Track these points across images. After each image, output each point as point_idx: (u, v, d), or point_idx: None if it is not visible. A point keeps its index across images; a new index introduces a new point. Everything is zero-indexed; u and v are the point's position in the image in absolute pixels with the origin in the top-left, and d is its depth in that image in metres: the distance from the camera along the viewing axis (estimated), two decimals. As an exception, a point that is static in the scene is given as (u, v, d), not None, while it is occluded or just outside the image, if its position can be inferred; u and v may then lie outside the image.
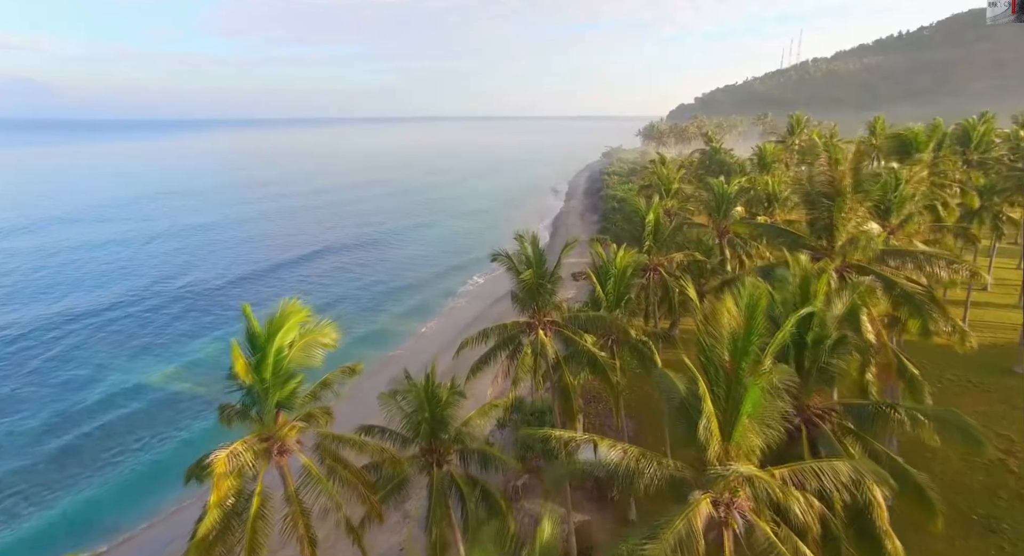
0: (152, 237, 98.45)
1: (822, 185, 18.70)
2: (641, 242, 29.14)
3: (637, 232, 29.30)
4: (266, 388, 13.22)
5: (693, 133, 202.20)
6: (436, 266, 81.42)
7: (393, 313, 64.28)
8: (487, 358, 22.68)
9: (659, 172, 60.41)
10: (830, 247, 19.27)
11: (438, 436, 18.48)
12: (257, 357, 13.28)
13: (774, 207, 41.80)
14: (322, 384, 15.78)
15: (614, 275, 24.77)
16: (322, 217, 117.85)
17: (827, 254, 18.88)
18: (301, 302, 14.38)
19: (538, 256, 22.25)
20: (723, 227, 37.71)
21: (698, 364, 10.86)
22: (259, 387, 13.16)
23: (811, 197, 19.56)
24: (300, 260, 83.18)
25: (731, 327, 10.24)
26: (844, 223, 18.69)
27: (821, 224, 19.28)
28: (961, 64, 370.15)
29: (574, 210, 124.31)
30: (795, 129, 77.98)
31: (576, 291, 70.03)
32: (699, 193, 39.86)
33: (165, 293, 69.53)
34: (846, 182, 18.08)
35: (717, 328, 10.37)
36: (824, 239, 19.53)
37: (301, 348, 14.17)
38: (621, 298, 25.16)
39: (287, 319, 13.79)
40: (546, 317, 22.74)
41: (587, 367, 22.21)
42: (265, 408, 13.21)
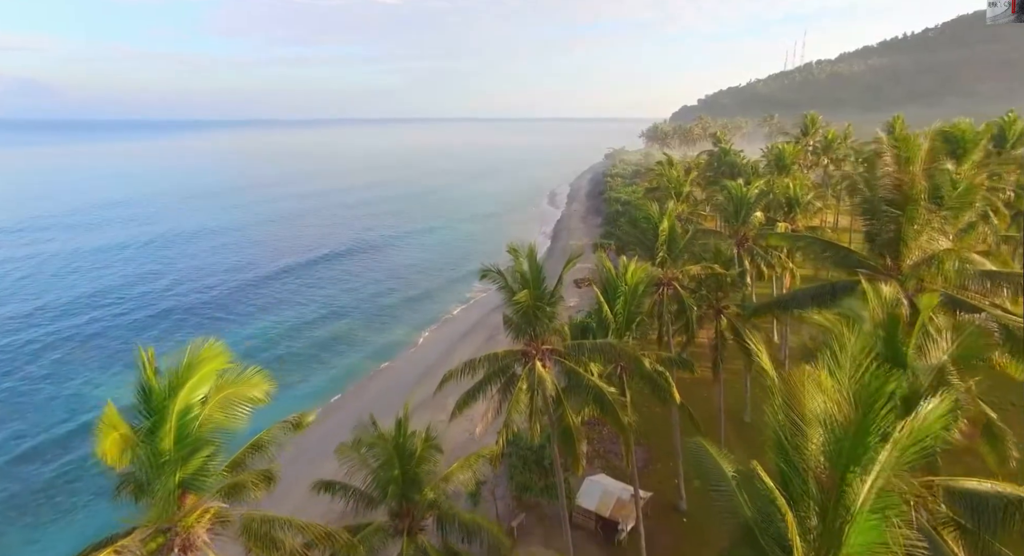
0: (149, 241, 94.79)
1: (888, 190, 15.08)
2: (653, 252, 25.60)
3: (648, 241, 25.75)
4: (163, 463, 9.65)
5: (698, 134, 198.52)
6: (435, 273, 77.64)
7: (390, 322, 60.84)
8: (475, 392, 19.18)
9: (667, 174, 56.95)
10: (895, 266, 15.71)
11: (410, 498, 14.97)
12: (152, 422, 9.75)
13: (795, 212, 38.25)
14: (252, 447, 12.30)
15: (624, 293, 21.24)
16: (321, 220, 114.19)
17: (891, 275, 15.30)
18: (222, 344, 10.84)
19: (536, 273, 18.71)
20: (742, 235, 34.17)
21: (775, 474, 7.32)
22: (152, 463, 9.59)
23: (871, 205, 15.94)
24: (297, 267, 79.41)
25: (824, 411, 6.78)
26: (915, 237, 15.11)
27: (885, 238, 15.68)
28: (967, 65, 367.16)
29: (576, 213, 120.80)
30: (809, 129, 74.31)
31: (578, 299, 66.45)
32: (714, 197, 36.33)
33: (154, 301, 66.19)
34: (920, 187, 14.51)
35: (799, 409, 6.91)
36: (888, 257, 15.96)
37: (219, 405, 10.68)
38: (632, 319, 21.65)
39: (199, 367, 10.27)
40: (544, 345, 19.21)
41: (593, 404, 18.69)
42: (162, 490, 9.61)
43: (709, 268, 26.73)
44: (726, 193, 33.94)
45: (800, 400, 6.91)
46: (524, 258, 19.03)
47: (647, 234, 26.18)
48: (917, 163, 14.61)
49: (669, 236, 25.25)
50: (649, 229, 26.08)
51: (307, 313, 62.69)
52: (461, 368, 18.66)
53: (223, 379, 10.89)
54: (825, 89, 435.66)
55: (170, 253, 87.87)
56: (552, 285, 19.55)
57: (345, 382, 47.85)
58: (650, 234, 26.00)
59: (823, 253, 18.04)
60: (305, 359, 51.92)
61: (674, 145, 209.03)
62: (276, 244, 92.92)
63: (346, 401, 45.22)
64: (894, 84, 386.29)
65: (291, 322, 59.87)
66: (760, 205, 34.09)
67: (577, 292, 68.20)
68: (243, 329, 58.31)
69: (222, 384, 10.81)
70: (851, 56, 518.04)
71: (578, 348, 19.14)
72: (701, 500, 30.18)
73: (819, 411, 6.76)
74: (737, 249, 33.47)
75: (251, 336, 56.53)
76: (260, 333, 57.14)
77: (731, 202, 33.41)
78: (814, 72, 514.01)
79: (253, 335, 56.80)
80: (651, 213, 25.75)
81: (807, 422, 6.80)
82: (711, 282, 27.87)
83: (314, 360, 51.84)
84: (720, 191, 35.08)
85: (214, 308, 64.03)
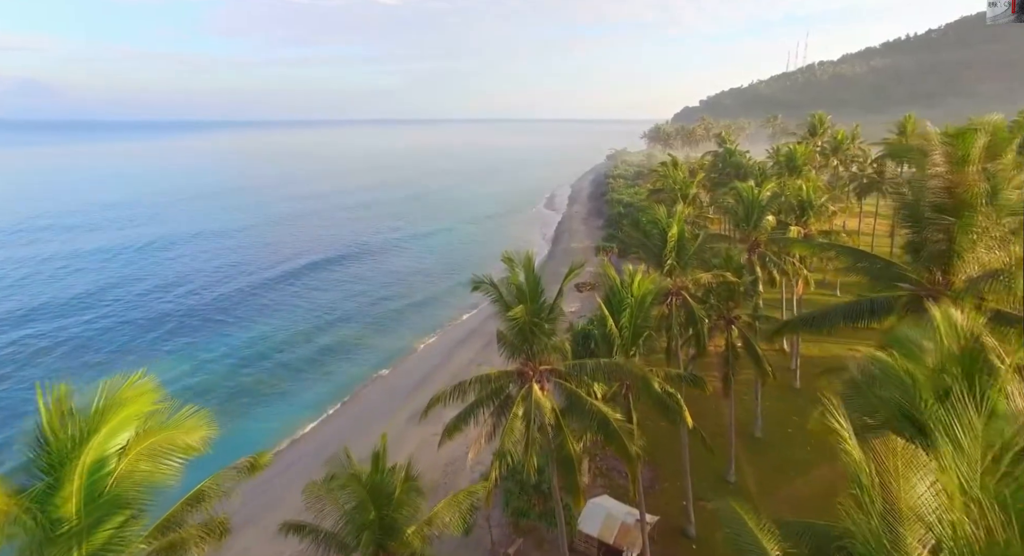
0: (147, 243, 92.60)
1: (938, 194, 13.01)
2: (660, 259, 23.64)
3: (655, 247, 23.77)
4: (61, 535, 7.57)
5: (701, 135, 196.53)
6: (437, 278, 74.91)
7: (391, 327, 58.68)
8: (466, 416, 17.23)
9: (672, 176, 55.04)
10: (945, 282, 13.72)
11: (386, 547, 13.01)
12: (48, 482, 7.72)
13: (808, 216, 36.25)
14: (193, 499, 10.31)
15: (630, 305, 19.28)
16: (321, 223, 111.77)
17: (940, 292, 13.32)
18: (151, 379, 8.88)
19: (533, 285, 16.76)
20: (753, 239, 32.17)
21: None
22: (45, 536, 7.51)
23: (914, 210, 13.87)
24: (297, 270, 77.07)
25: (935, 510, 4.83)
26: (971, 248, 13.09)
27: (934, 249, 13.62)
28: (970, 66, 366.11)
29: (577, 215, 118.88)
30: (817, 129, 72.34)
31: (580, 304, 64.53)
32: (724, 199, 34.37)
33: (151, 305, 64.26)
34: (978, 190, 12.49)
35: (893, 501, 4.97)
36: (936, 270, 13.94)
37: (144, 456, 8.69)
38: (639, 334, 19.70)
39: (119, 410, 8.31)
40: (543, 366, 17.25)
41: (596, 431, 16.72)
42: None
43: (720, 276, 24.77)
44: (736, 195, 31.98)
45: (895, 488, 4.95)
46: (520, 268, 17.10)
47: (654, 240, 24.21)
48: (974, 162, 12.64)
49: (678, 242, 23.27)
50: (656, 234, 24.11)
51: (307, 318, 60.65)
52: (450, 392, 16.71)
53: (150, 423, 8.93)
54: (827, 90, 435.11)
55: (167, 255, 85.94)
56: (552, 296, 17.63)
57: (346, 389, 45.92)
58: (658, 240, 24.03)
59: (856, 264, 16.01)
60: (304, 365, 49.89)
61: (676, 146, 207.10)
62: (275, 247, 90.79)
63: (346, 409, 43.43)
64: (896, 85, 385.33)
65: (290, 328, 57.82)
66: (773, 208, 32.13)
67: (579, 297, 66.29)
68: (243, 333, 56.39)
69: (148, 429, 8.85)
70: (853, 57, 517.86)
71: (580, 368, 17.17)
72: (711, 524, 28.30)
73: (926, 508, 4.78)
74: (748, 255, 31.51)
75: (250, 342, 54.66)
76: (259, 338, 55.16)
77: (742, 205, 31.44)
78: (816, 73, 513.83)
79: (252, 340, 54.93)
80: (659, 217, 23.78)
81: (903, 520, 4.85)
82: (722, 291, 25.92)
83: (314, 367, 49.77)
84: (729, 193, 33.17)
85: (211, 312, 62.13)
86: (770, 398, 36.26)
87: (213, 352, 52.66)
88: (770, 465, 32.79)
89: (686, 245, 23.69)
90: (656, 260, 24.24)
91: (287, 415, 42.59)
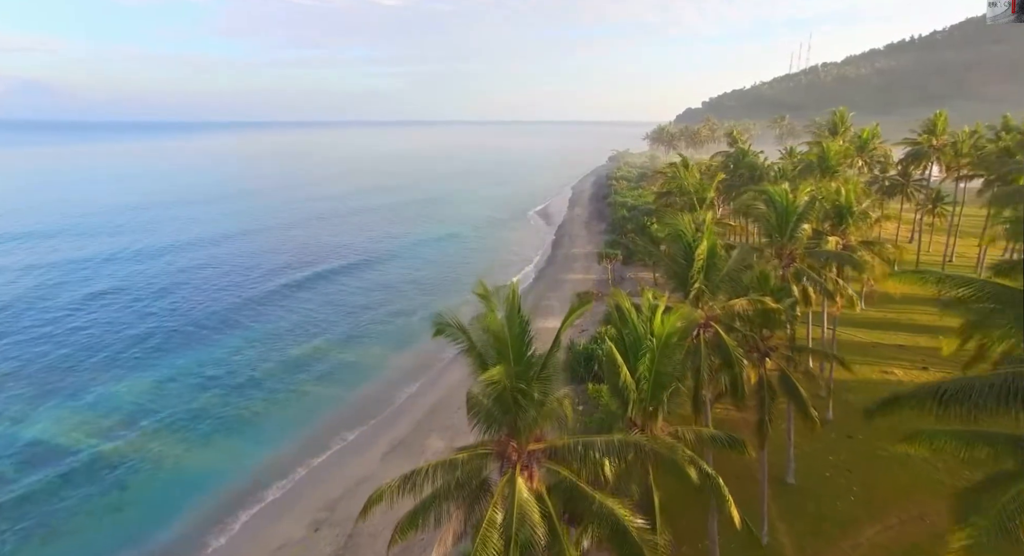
0: (139, 251, 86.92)
1: None
2: (684, 281, 18.63)
3: (678, 267, 18.74)
4: None
5: (706, 136, 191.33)
6: (437, 296, 66.53)
7: (375, 370, 48.52)
8: (423, 513, 12.22)
9: (684, 177, 49.99)
10: None
11: None
12: None
13: (847, 223, 31.14)
14: None
15: (651, 350, 14.28)
16: (322, 228, 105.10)
17: None
18: None
19: (518, 334, 11.67)
20: (788, 253, 27.09)
21: None
22: None
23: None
24: (294, 283, 70.24)
25: None
26: None
27: None
28: (976, 68, 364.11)
29: (579, 218, 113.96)
30: (838, 127, 66.94)
31: (580, 318, 59.57)
32: (752, 205, 29.31)
33: (134, 318, 59.02)
34: None
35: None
36: None
37: None
38: (662, 385, 14.70)
39: None
40: (531, 444, 12.25)
41: (607, 539, 11.73)
42: None
43: (758, 302, 19.71)
44: (766, 200, 26.92)
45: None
46: (501, 305, 12.03)
47: (676, 256, 19.17)
48: None
49: (708, 260, 18.23)
50: (680, 250, 19.06)
51: (301, 335, 54.83)
52: (397, 486, 11.69)
53: None
54: (831, 92, 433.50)
55: (156, 264, 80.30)
56: (546, 360, 12.46)
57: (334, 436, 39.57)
58: (681, 257, 18.99)
59: (978, 302, 10.94)
60: (289, 398, 43.83)
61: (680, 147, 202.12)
62: (271, 256, 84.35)
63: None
64: (901, 87, 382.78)
65: (278, 345, 52.17)
66: (810, 215, 27.04)
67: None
68: (224, 352, 50.97)
69: None
70: (857, 59, 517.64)
71: (584, 448, 12.13)
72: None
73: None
74: (783, 271, 26.46)
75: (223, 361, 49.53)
76: (235, 360, 49.52)
77: (773, 211, 26.38)
78: (820, 75, 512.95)
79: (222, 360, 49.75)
80: (684, 230, 18.72)
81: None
82: (756, 318, 20.93)
83: (299, 400, 43.61)
84: (758, 198, 28.08)
85: (195, 327, 56.38)
86: (800, 432, 31.26)
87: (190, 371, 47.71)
88: (808, 520, 27.70)
89: (717, 264, 18.65)
90: (678, 282, 19.22)
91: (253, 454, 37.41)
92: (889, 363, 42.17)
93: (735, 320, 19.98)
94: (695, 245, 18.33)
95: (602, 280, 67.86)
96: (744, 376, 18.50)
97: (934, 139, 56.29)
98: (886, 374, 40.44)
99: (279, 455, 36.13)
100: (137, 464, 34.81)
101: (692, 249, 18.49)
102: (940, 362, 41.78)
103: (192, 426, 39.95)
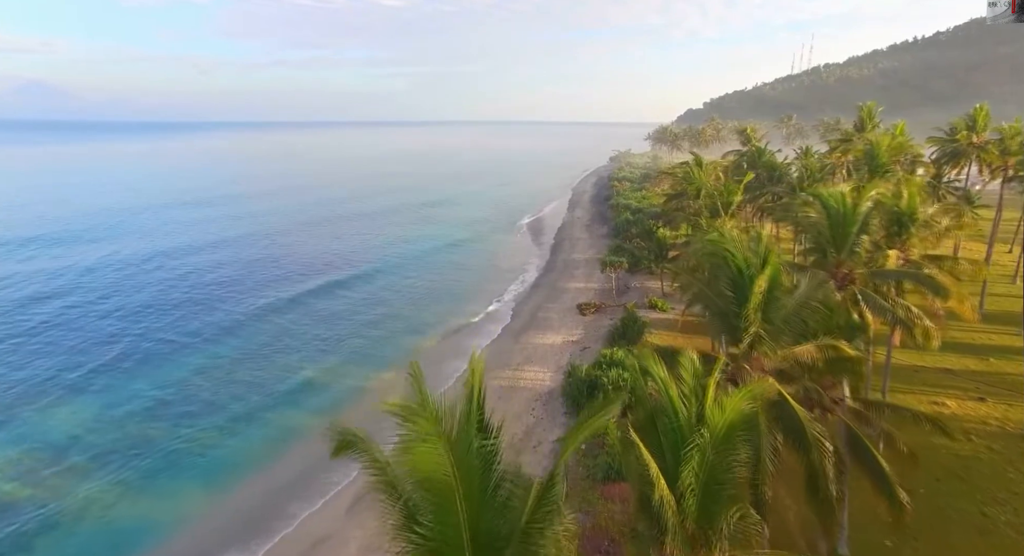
0: (129, 258, 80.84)
1: None
2: (733, 321, 13.09)
3: (722, 301, 13.23)
4: None
5: (711, 135, 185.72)
6: (423, 309, 60.15)
7: (350, 399, 41.86)
8: None
9: (699, 179, 44.45)
10: None
11: None
12: None
13: (909, 234, 25.60)
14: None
15: (702, 447, 8.74)
16: (313, 237, 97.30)
17: None
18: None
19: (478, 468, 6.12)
20: (846, 272, 21.57)
21: None
22: None
23: None
24: (263, 300, 62.30)
25: None
26: None
27: None
28: (980, 68, 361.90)
29: (579, 221, 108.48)
30: (866, 124, 60.97)
31: (583, 331, 53.81)
32: (799, 213, 23.68)
33: (91, 331, 53.61)
34: None
35: None
36: None
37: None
38: (719, 501, 9.20)
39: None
40: None
41: None
42: None
43: (830, 348, 14.20)
44: (818, 207, 21.35)
45: None
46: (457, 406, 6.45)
47: (721, 288, 13.60)
48: None
49: (768, 298, 12.68)
50: (724, 278, 13.51)
51: (269, 358, 48.22)
52: None
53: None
54: (834, 92, 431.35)
55: (131, 272, 74.46)
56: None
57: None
58: (728, 287, 13.42)
59: None
60: (251, 429, 38.04)
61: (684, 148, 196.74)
62: (252, 267, 77.37)
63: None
64: (905, 87, 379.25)
65: (248, 376, 45.03)
66: (874, 226, 21.40)
67: (581, 320, 55.57)
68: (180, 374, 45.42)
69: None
70: (860, 60, 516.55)
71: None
72: None
73: None
74: (840, 295, 20.94)
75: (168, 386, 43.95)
76: (198, 389, 43.24)
77: (828, 220, 20.87)
78: (822, 75, 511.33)
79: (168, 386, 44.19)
80: (732, 250, 13.04)
81: None
82: (822, 365, 15.45)
83: (260, 431, 37.69)
84: (810, 204, 22.40)
85: (163, 343, 50.90)
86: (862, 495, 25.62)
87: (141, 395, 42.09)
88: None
89: (779, 300, 13.12)
90: (723, 321, 13.71)
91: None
92: (938, 392, 36.59)
93: (803, 374, 14.40)
94: (748, 273, 12.78)
95: (605, 289, 62.29)
96: (825, 464, 12.83)
97: (974, 136, 50.71)
98: (937, 406, 34.87)
99: (229, 506, 30.51)
100: (53, 516, 29.06)
101: (743, 276, 12.97)
102: (996, 389, 36.61)
103: (132, 463, 34.29)
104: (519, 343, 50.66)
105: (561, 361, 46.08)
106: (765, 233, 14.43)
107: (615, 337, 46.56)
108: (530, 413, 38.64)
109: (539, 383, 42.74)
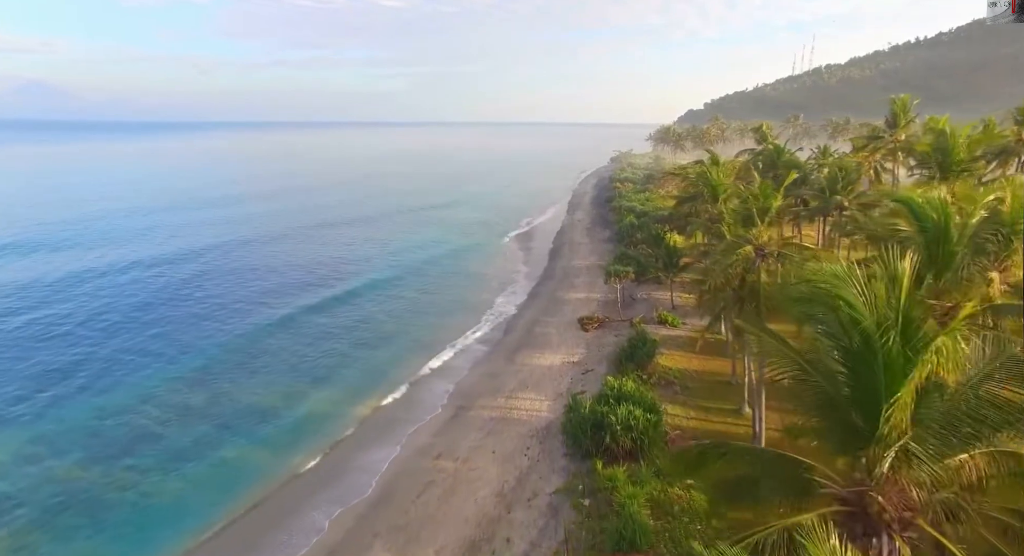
0: (118, 263, 74.36)
1: None
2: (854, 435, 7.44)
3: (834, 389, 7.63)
4: None
5: (715, 135, 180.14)
6: (417, 327, 53.50)
7: (319, 433, 35.86)
8: None
9: (715, 179, 38.87)
10: None
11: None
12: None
13: (1009, 250, 19.94)
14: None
15: None
16: (300, 245, 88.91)
17: None
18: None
19: None
20: (950, 305, 15.92)
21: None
22: None
23: None
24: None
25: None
26: None
27: None
28: (983, 69, 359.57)
29: (580, 224, 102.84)
30: (899, 119, 54.81)
31: (585, 350, 48.03)
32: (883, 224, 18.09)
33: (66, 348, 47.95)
34: None
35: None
36: None
37: None
38: None
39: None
40: None
41: None
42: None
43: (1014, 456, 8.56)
44: (908, 217, 15.66)
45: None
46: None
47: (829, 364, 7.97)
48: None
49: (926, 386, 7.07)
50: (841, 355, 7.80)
51: (230, 381, 42.21)
52: None
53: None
54: (836, 93, 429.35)
55: (131, 279, 68.39)
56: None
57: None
58: (842, 364, 7.79)
59: None
60: (200, 470, 32.28)
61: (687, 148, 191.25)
62: (233, 277, 70.98)
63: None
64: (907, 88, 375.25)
65: (202, 401, 39.40)
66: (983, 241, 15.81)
67: (583, 337, 49.84)
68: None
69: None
70: (861, 60, 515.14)
71: None
72: None
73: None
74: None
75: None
76: (144, 419, 37.55)
77: (924, 236, 15.25)
78: (824, 76, 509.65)
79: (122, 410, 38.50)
80: (869, 324, 7.21)
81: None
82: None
83: (212, 475, 31.98)
84: (897, 213, 16.76)
85: (103, 363, 45.20)
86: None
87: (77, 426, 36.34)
88: None
89: (941, 386, 7.56)
90: (838, 424, 7.98)
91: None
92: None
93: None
94: (885, 344, 7.05)
95: (609, 300, 56.45)
96: None
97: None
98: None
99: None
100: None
101: (873, 349, 7.28)
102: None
103: (52, 520, 28.61)
104: (514, 364, 44.97)
105: (560, 386, 40.48)
106: (903, 266, 8.57)
107: (622, 359, 40.85)
108: (524, 453, 32.92)
109: (535, 414, 37.06)
